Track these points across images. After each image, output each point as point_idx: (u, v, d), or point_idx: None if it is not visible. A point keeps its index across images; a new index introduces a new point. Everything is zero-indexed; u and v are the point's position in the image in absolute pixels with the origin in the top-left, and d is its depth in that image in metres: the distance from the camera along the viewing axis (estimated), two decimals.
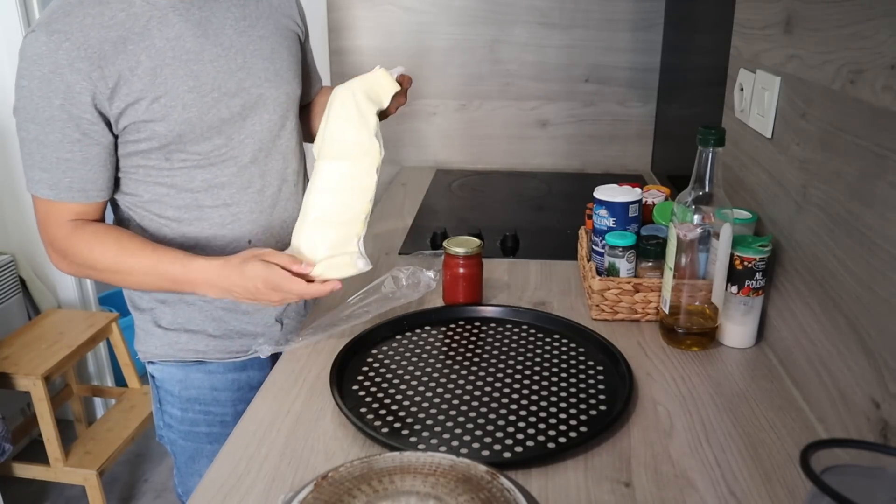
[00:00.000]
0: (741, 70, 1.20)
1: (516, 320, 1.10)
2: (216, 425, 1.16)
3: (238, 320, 1.13)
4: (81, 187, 0.98)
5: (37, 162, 0.96)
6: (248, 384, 1.17)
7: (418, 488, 0.62)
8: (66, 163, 0.96)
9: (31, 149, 0.96)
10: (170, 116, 0.97)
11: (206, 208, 1.06)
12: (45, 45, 0.90)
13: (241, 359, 1.15)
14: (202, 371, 1.14)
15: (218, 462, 0.80)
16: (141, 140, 0.98)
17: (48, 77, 0.91)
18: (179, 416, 1.16)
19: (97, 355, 2.44)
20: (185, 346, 1.12)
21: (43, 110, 0.93)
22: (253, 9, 1.07)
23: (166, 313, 1.11)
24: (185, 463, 1.19)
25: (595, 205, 1.15)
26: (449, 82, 2.06)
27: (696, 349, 1.03)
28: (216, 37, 1.01)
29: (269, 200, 1.11)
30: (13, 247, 2.28)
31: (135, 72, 0.94)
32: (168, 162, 1.01)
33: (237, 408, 1.16)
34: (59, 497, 2.15)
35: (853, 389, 0.79)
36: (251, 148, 1.07)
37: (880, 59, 0.75)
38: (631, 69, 2.01)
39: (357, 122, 1.02)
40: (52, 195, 0.97)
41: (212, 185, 1.05)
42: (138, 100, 0.95)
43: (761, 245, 0.99)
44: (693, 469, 0.78)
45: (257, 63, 1.05)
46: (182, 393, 1.15)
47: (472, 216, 1.68)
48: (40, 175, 0.97)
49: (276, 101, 1.08)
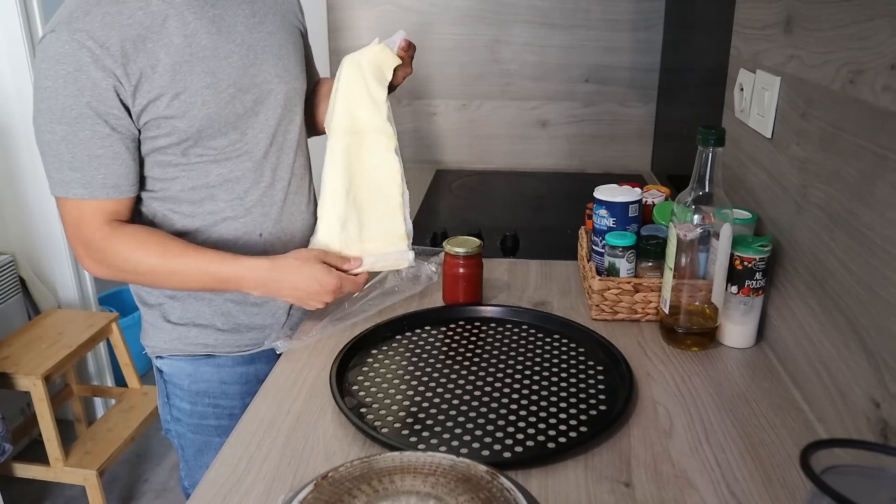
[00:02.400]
0: (741, 70, 1.20)
1: (516, 320, 1.10)
2: (224, 418, 1.17)
3: (246, 314, 1.14)
4: (115, 183, 0.98)
5: (66, 162, 0.95)
6: (256, 377, 1.18)
7: (418, 488, 0.62)
8: (97, 159, 0.96)
9: (58, 149, 0.95)
10: (189, 112, 0.98)
11: (219, 202, 1.07)
12: (69, 44, 0.91)
13: (250, 352, 1.17)
14: (211, 365, 1.15)
15: (218, 462, 0.80)
16: (160, 136, 0.99)
17: (74, 75, 0.91)
18: (189, 410, 1.17)
19: (97, 355, 2.44)
20: (194, 340, 1.13)
21: (71, 109, 0.93)
22: (261, 6, 1.09)
23: (175, 308, 1.12)
24: (194, 456, 1.21)
25: (595, 205, 1.15)
26: (449, 82, 2.06)
27: (696, 349, 1.03)
28: (229, 33, 1.03)
29: (279, 194, 1.13)
30: (13, 247, 2.28)
31: (155, 69, 0.95)
32: (185, 157, 1.03)
33: (245, 401, 1.16)
34: (59, 497, 2.15)
35: (853, 389, 0.79)
36: (264, 143, 1.09)
37: (880, 59, 0.75)
38: (631, 69, 2.01)
39: (367, 102, 1.07)
40: (86, 194, 0.97)
41: (227, 179, 1.07)
42: (159, 96, 0.96)
43: (761, 245, 0.99)
44: (693, 469, 0.78)
45: (268, 59, 1.07)
46: (191, 386, 1.16)
47: (472, 216, 1.68)
48: (71, 175, 0.96)
49: (286, 96, 1.11)
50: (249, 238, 1.11)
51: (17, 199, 2.24)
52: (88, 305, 2.39)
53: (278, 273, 1.02)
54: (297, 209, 1.16)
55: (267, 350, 1.16)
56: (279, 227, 1.14)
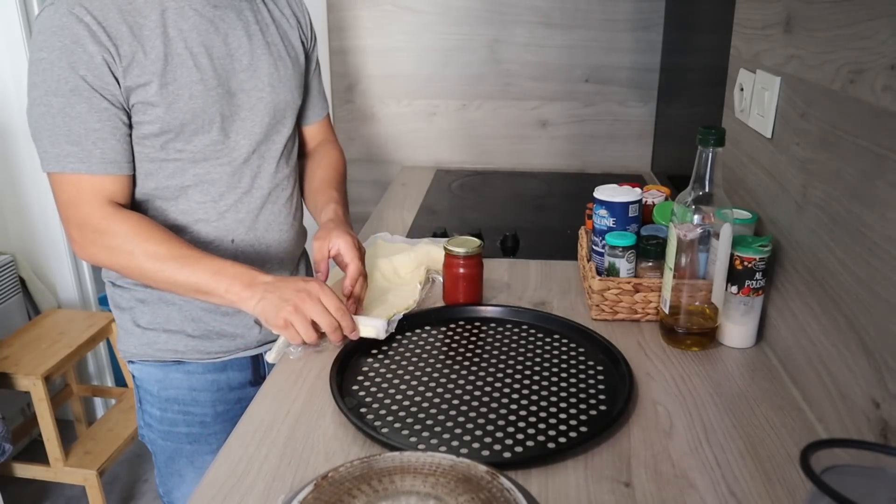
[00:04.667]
0: (741, 70, 1.20)
1: (516, 320, 1.10)
2: (195, 426, 1.15)
3: (217, 321, 1.12)
4: (114, 158, 0.97)
5: (63, 136, 0.94)
6: (227, 385, 1.16)
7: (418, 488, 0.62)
8: (95, 133, 0.94)
9: (54, 123, 0.93)
10: (175, 104, 0.98)
11: (193, 203, 1.06)
12: (66, 17, 0.91)
13: (222, 359, 1.15)
14: (181, 371, 1.13)
15: (218, 462, 0.80)
16: (144, 122, 0.99)
17: (70, 48, 0.91)
18: (159, 416, 1.16)
19: (97, 355, 2.44)
20: (163, 345, 1.12)
21: (66, 81, 0.92)
22: (265, 15, 1.10)
23: (145, 313, 1.11)
24: (165, 463, 1.19)
25: (595, 205, 1.15)
26: (449, 82, 2.06)
27: (696, 349, 1.03)
28: (226, 36, 1.03)
29: (257, 202, 1.11)
30: (13, 247, 2.28)
31: (148, 56, 0.96)
32: (163, 151, 1.02)
33: (216, 408, 1.16)
34: (59, 497, 2.15)
35: (853, 389, 0.79)
36: (246, 148, 1.08)
37: (880, 59, 0.75)
38: (631, 69, 2.01)
39: None
40: (83, 168, 0.95)
41: (203, 180, 1.05)
42: (148, 82, 0.96)
43: (761, 245, 0.99)
44: (693, 469, 0.78)
45: (262, 67, 1.07)
46: (161, 393, 1.14)
47: (472, 216, 1.68)
48: (69, 149, 0.94)
49: (275, 106, 1.10)
50: (222, 242, 1.09)
51: (17, 199, 2.24)
52: (88, 305, 2.39)
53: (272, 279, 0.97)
54: (275, 219, 1.14)
55: (239, 357, 1.16)
56: (253, 234, 1.12)
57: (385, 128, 2.12)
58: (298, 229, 1.23)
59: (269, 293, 0.95)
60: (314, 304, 0.94)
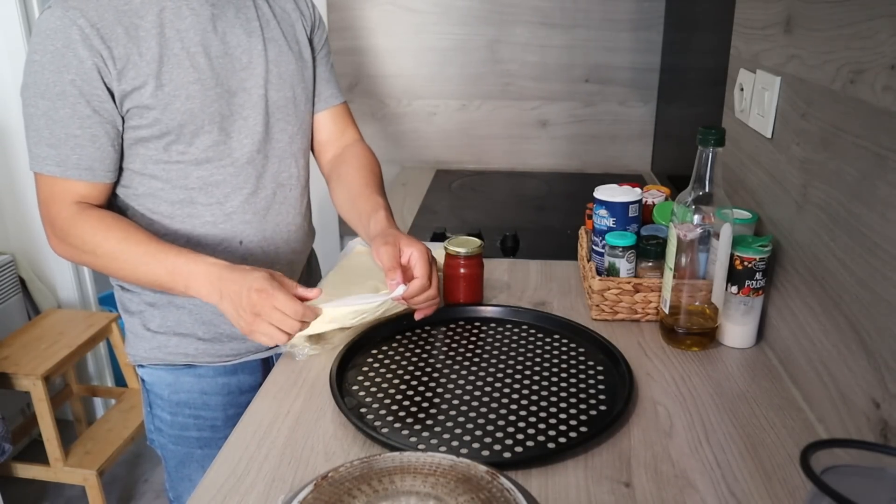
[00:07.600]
0: (741, 70, 1.20)
1: (516, 320, 1.10)
2: (206, 430, 1.15)
3: (228, 324, 1.11)
4: (89, 165, 0.97)
5: (44, 138, 0.95)
6: (238, 388, 1.15)
7: (418, 488, 0.62)
8: (74, 139, 0.95)
9: (39, 124, 0.95)
10: (172, 105, 0.98)
11: (199, 206, 1.05)
12: (60, 20, 0.91)
13: (232, 362, 1.14)
14: (192, 375, 1.13)
15: (218, 462, 0.80)
16: (142, 126, 0.99)
17: (61, 52, 0.92)
18: (169, 421, 1.15)
19: (97, 355, 2.44)
20: (174, 349, 1.11)
21: (54, 85, 0.93)
22: (265, 11, 1.09)
23: (155, 316, 1.10)
24: (175, 468, 1.18)
25: (595, 205, 1.15)
26: (449, 82, 2.06)
27: (696, 349, 1.02)
28: (224, 34, 1.02)
29: (263, 203, 1.10)
30: (13, 247, 2.28)
31: (143, 57, 0.95)
32: (166, 153, 1.01)
33: (227, 412, 1.15)
34: (59, 497, 2.15)
35: (853, 389, 0.79)
36: (249, 148, 1.07)
37: (880, 59, 0.75)
38: (631, 69, 2.01)
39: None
40: (58, 172, 0.96)
41: (207, 182, 1.05)
42: (144, 84, 0.96)
43: (761, 245, 0.99)
44: (693, 469, 0.78)
45: (261, 64, 1.06)
46: (171, 397, 1.13)
47: (472, 216, 1.68)
48: (47, 151, 0.96)
49: (276, 105, 1.09)
50: (230, 245, 1.08)
51: (17, 199, 2.24)
52: (88, 305, 2.39)
53: (231, 273, 0.91)
54: (282, 220, 1.13)
55: (250, 360, 1.15)
56: (261, 236, 1.11)
57: (385, 128, 2.12)
58: (308, 229, 1.21)
59: (226, 301, 0.92)
60: (270, 312, 0.89)
